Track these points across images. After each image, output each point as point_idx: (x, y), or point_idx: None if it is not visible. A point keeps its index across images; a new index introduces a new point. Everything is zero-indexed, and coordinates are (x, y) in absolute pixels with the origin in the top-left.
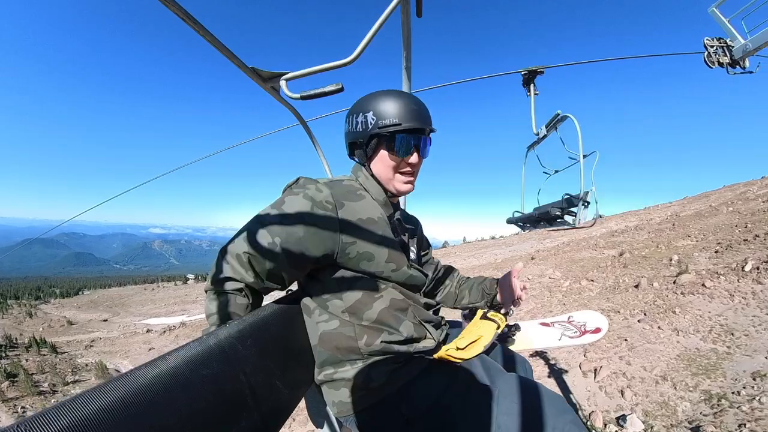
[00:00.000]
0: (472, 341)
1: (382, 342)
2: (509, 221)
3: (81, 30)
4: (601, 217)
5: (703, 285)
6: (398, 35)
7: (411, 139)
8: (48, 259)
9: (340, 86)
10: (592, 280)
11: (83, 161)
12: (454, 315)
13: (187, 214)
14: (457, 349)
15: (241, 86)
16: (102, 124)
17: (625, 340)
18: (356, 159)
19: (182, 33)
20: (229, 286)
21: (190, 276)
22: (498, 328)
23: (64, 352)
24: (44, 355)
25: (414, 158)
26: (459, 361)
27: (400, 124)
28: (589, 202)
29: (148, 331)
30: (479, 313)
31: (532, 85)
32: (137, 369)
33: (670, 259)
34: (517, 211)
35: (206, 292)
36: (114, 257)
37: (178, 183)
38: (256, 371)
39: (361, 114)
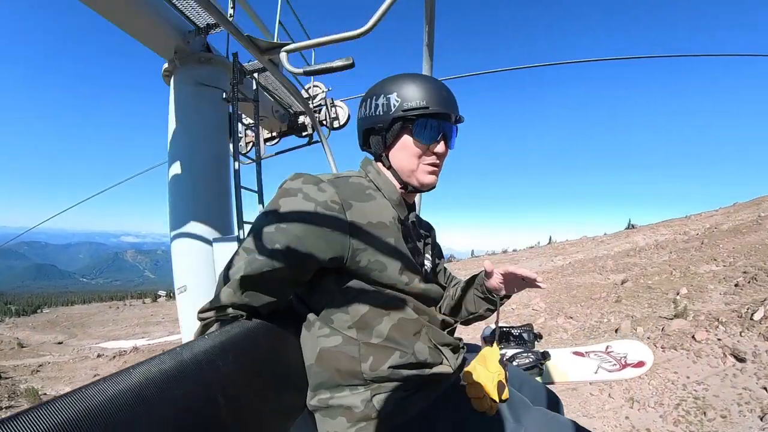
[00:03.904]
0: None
1: (389, 367)
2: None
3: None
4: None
5: (693, 337)
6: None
7: (439, 125)
8: (5, 271)
9: (351, 61)
10: (571, 318)
11: (44, 160)
12: (467, 331)
13: (164, 220)
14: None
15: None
16: (64, 117)
17: None
18: (370, 150)
19: None
20: (225, 312)
21: (162, 293)
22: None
23: (9, 377)
24: None
25: (441, 147)
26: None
27: (427, 108)
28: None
29: (99, 356)
30: (494, 353)
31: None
32: (94, 384)
33: (677, 293)
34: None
35: (200, 320)
36: (80, 269)
37: (153, 184)
38: (238, 393)
39: (382, 96)
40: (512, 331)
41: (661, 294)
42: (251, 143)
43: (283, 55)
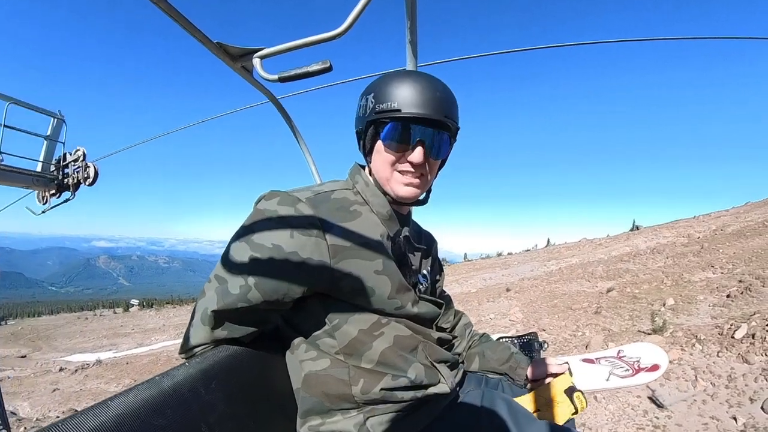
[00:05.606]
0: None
1: (382, 389)
2: None
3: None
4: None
5: None
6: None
7: (414, 129)
8: None
9: (328, 64)
10: (544, 330)
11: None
12: None
13: (139, 223)
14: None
15: (205, 67)
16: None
17: None
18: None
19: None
20: (200, 351)
21: (134, 302)
22: (575, 413)
23: None
24: None
25: (416, 155)
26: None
27: (399, 110)
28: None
29: (61, 369)
30: (564, 381)
31: None
32: (71, 418)
33: (663, 304)
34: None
35: (183, 358)
36: (49, 277)
37: (128, 185)
38: (222, 422)
39: (364, 96)
40: (515, 341)
41: (646, 305)
42: (45, 197)
43: (256, 61)
